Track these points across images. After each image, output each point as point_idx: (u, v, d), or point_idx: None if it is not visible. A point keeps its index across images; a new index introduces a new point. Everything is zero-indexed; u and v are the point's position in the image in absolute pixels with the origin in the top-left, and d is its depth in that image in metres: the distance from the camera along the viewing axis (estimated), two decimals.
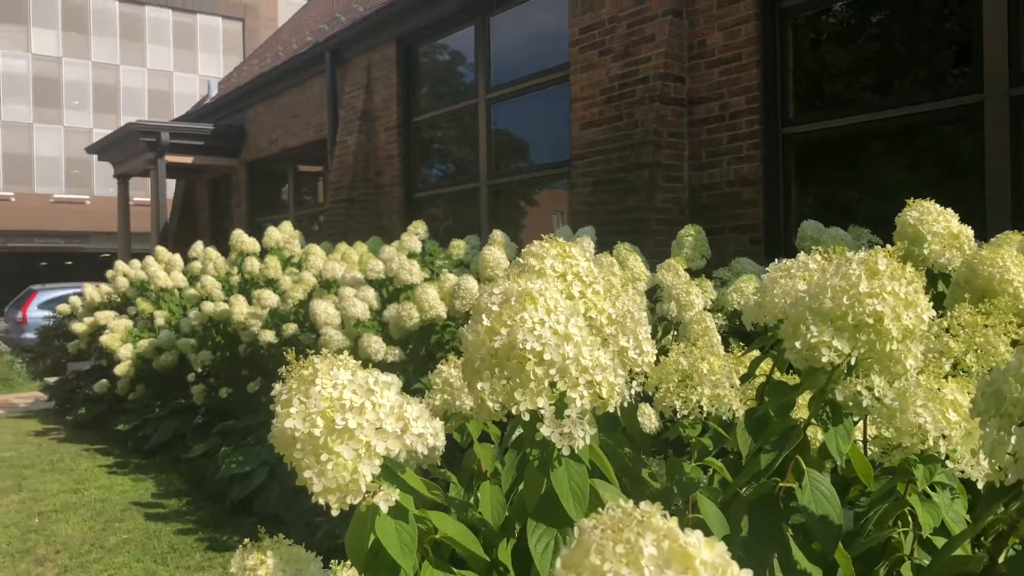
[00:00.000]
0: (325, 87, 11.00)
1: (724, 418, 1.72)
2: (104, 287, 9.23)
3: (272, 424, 1.15)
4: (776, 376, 1.70)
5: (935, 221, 2.11)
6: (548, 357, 1.17)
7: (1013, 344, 1.69)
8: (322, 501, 1.10)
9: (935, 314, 1.34)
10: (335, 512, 1.11)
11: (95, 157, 17.03)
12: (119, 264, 8.91)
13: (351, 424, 1.10)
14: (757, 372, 1.76)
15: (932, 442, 1.38)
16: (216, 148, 14.09)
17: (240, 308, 6.08)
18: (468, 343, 1.24)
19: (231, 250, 7.24)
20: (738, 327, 3.39)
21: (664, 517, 0.69)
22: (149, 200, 14.44)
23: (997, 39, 4.65)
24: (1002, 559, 1.15)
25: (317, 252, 6.19)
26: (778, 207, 5.73)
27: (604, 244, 4.32)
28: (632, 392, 1.41)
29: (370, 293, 4.97)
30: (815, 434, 1.55)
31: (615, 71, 6.56)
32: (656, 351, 1.53)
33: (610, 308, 1.44)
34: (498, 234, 5.09)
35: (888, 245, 1.51)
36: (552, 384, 1.18)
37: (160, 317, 7.57)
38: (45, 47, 36.17)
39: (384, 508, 1.13)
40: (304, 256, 6.32)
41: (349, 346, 4.68)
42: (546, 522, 1.22)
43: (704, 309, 3.14)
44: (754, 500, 1.43)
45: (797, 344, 1.31)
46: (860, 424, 1.67)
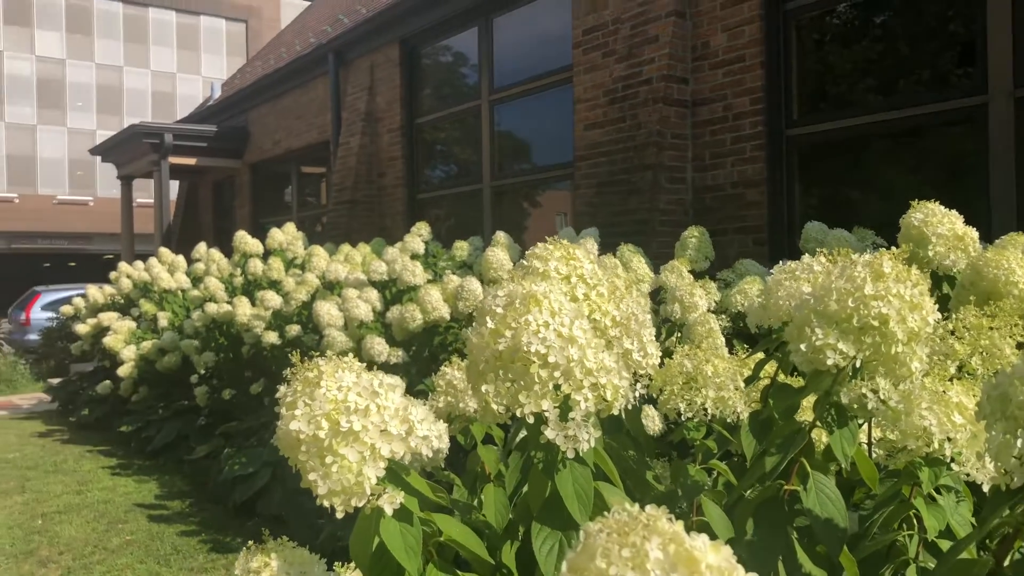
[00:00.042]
0: (328, 89, 11.01)
1: (728, 420, 1.71)
2: (107, 288, 9.24)
3: (277, 426, 1.15)
4: (781, 378, 1.70)
5: (940, 223, 2.10)
6: (553, 360, 1.17)
7: (1019, 346, 1.69)
8: (327, 503, 1.10)
9: (940, 316, 1.33)
10: (340, 515, 1.11)
11: (99, 159, 17.07)
12: (122, 265, 8.92)
13: (356, 426, 1.10)
14: (761, 374, 1.76)
15: (937, 445, 1.38)
16: (219, 149, 14.11)
17: (243, 309, 6.08)
18: (472, 345, 1.24)
19: (234, 251, 7.24)
20: (742, 329, 3.38)
21: (670, 521, 0.69)
22: (152, 201, 14.47)
23: (1002, 40, 4.64)
24: (1008, 562, 1.15)
25: (320, 253, 6.19)
26: (782, 208, 5.72)
27: (607, 245, 4.32)
28: (636, 394, 1.41)
29: (373, 295, 4.97)
30: (820, 437, 1.55)
31: (619, 72, 6.56)
32: (660, 353, 1.53)
33: (614, 310, 1.44)
34: (501, 235, 5.09)
35: (893, 247, 1.51)
36: (556, 387, 1.18)
37: (163, 318, 7.58)
38: (49, 49, 36.24)
39: (389, 511, 1.13)
40: (307, 257, 6.32)
41: (352, 347, 4.68)
42: (551, 525, 1.22)
43: (708, 311, 3.14)
44: (759, 503, 1.43)
45: (802, 347, 1.31)
46: (865, 427, 1.67)
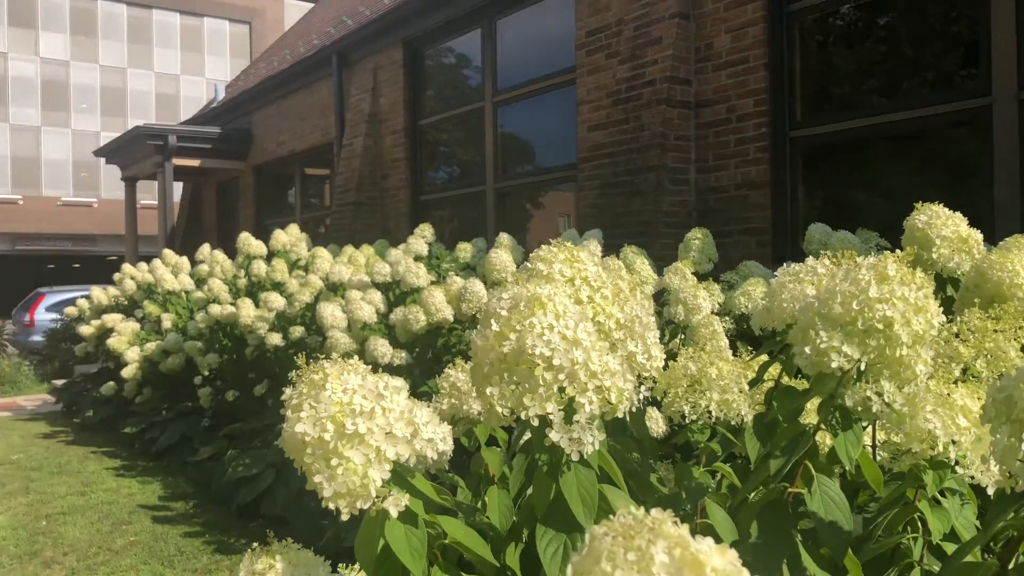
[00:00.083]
0: (332, 90, 11.03)
1: (733, 423, 1.71)
2: (111, 290, 9.26)
3: (282, 428, 1.15)
4: (785, 381, 1.70)
5: (944, 225, 2.10)
6: (557, 362, 1.17)
7: (1023, 349, 1.68)
8: (332, 506, 1.10)
9: (944, 319, 1.33)
10: (345, 517, 1.11)
11: (103, 160, 17.11)
12: (126, 267, 8.94)
13: (361, 429, 1.10)
14: (766, 377, 1.75)
15: (942, 448, 1.38)
16: (223, 151, 14.13)
17: (247, 311, 6.09)
18: (477, 348, 1.24)
19: (238, 253, 7.24)
20: (746, 331, 3.38)
21: (675, 524, 0.69)
22: (156, 203, 14.50)
23: (1006, 42, 4.63)
24: (1012, 565, 1.15)
25: (324, 255, 6.20)
26: (786, 210, 5.72)
27: (611, 247, 4.31)
28: (640, 397, 1.41)
29: (376, 296, 4.98)
30: (824, 439, 1.55)
31: (622, 74, 6.56)
32: (664, 356, 1.53)
33: (618, 313, 1.44)
34: (504, 237, 5.09)
35: (897, 249, 1.51)
36: (561, 389, 1.18)
37: (167, 320, 7.59)
38: (53, 51, 36.30)
39: (394, 513, 1.14)
40: (311, 259, 6.33)
41: (356, 349, 4.69)
42: (555, 527, 1.22)
43: (711, 313, 3.14)
44: (763, 505, 1.43)
45: (806, 349, 1.31)
46: (869, 429, 1.66)
